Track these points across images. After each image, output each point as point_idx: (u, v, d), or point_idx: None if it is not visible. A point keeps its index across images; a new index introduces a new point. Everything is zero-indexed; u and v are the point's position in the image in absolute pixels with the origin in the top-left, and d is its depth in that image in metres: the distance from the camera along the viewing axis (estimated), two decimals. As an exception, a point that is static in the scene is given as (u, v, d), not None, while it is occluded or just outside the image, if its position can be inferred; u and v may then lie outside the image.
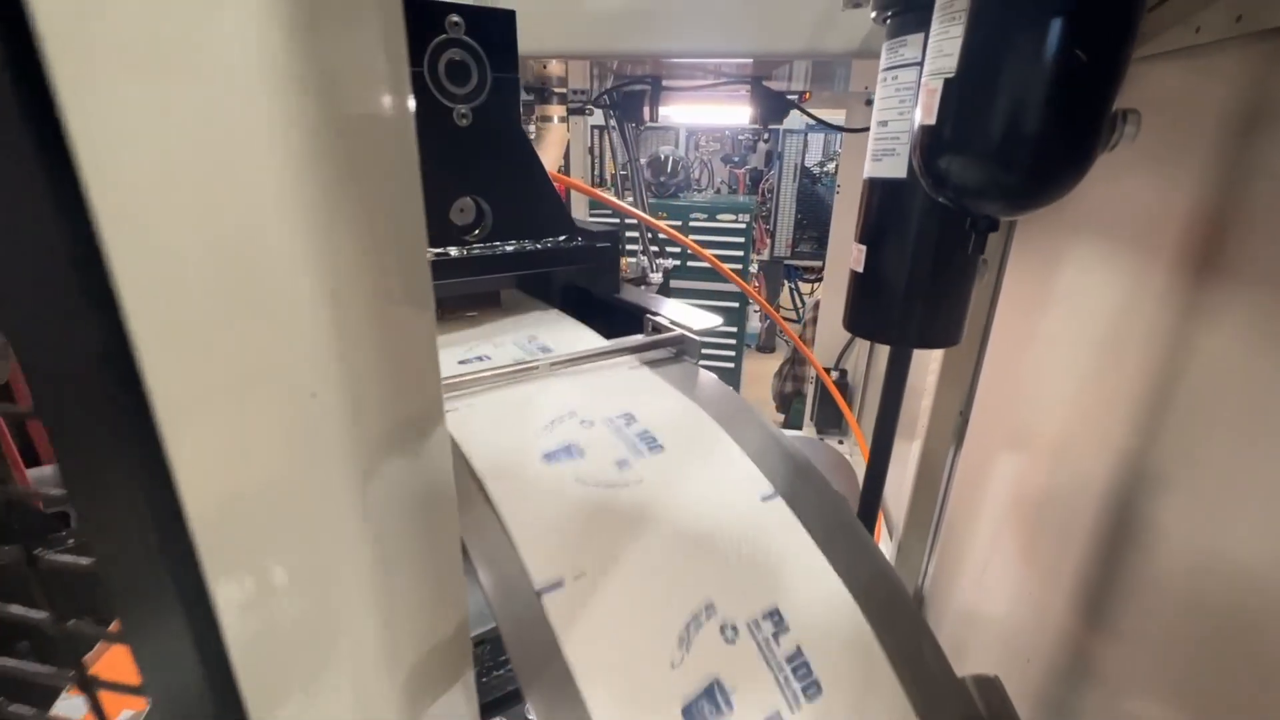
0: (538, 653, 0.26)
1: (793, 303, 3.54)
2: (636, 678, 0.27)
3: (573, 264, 0.53)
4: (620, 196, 1.58)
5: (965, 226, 0.39)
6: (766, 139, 3.50)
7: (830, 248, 1.55)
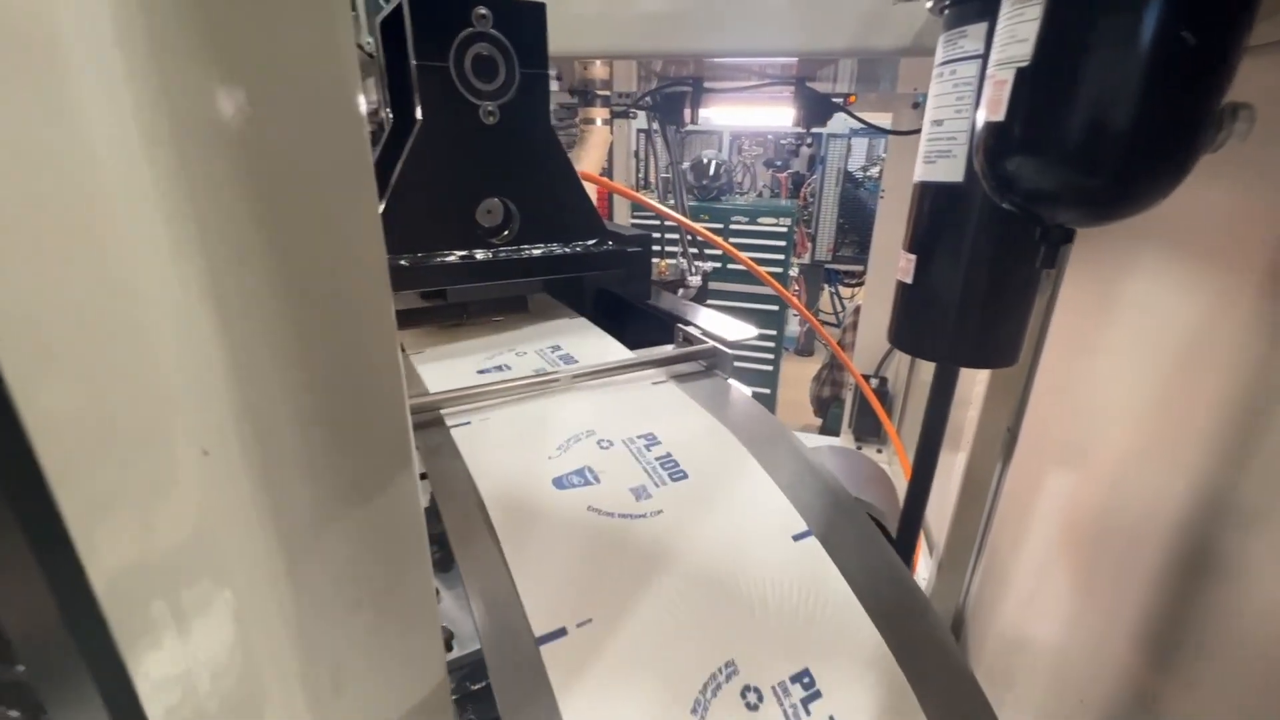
0: (532, 713, 0.24)
1: (832, 307, 3.49)
2: None
3: (602, 269, 0.52)
4: (662, 200, 1.57)
5: (1034, 237, 0.35)
6: (810, 143, 3.44)
7: (872, 253, 1.52)
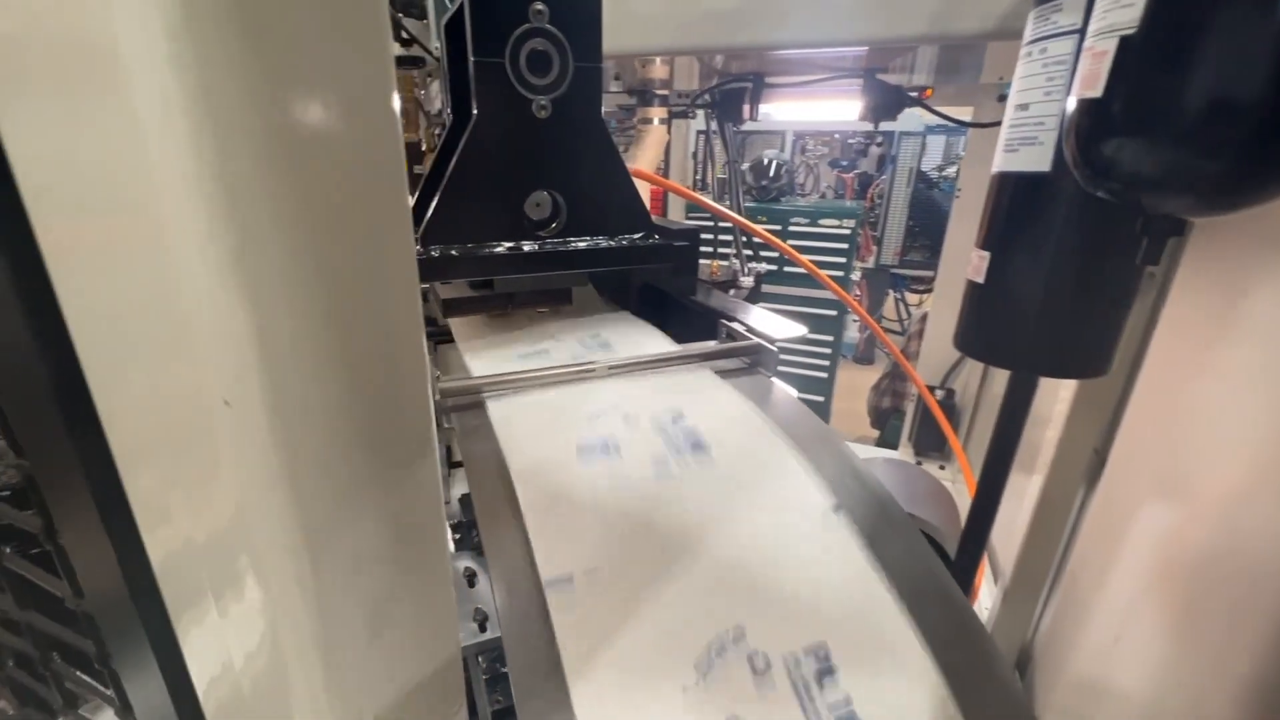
0: (535, 661, 0.24)
1: (897, 314, 3.35)
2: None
3: (648, 263, 0.51)
4: (719, 199, 1.55)
5: (1135, 229, 0.31)
6: (880, 141, 3.32)
7: (944, 257, 1.45)
